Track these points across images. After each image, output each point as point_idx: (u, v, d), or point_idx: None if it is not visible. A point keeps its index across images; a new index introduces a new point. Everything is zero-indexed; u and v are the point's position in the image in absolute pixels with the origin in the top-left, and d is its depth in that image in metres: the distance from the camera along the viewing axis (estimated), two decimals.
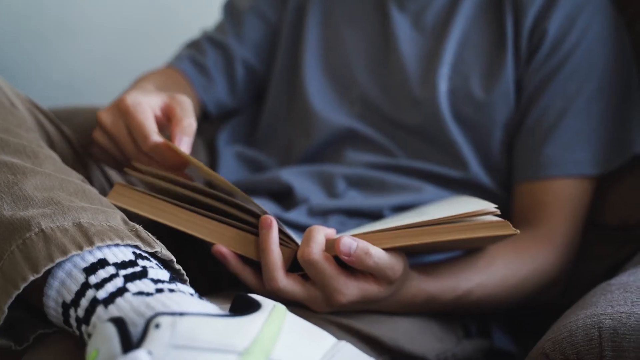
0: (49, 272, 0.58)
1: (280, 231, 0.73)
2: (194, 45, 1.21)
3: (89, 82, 2.19)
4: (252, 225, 0.73)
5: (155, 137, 0.77)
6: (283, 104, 1.18)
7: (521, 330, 1.03)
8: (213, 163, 1.18)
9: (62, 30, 2.21)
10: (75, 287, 0.57)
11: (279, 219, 0.95)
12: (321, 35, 1.14)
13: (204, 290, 0.89)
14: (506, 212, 1.03)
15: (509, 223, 0.70)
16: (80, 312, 0.56)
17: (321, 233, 0.71)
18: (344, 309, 0.75)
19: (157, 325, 0.49)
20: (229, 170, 1.15)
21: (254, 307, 0.55)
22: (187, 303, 0.54)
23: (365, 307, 0.77)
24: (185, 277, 0.65)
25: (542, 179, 0.99)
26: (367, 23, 1.12)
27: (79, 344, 0.57)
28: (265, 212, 0.74)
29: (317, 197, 1.01)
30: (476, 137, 1.03)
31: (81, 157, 0.89)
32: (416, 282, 0.79)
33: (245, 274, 0.75)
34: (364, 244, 0.69)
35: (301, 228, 0.96)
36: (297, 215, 0.98)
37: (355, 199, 1.01)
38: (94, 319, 0.55)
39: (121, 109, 0.81)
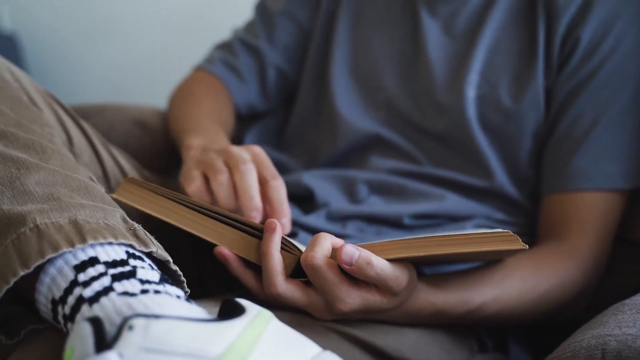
0: (41, 268, 0.58)
1: (285, 237, 0.72)
2: (226, 47, 1.21)
3: (134, 78, 2.22)
4: (257, 229, 0.72)
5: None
6: (312, 107, 1.17)
7: (543, 346, 1.00)
8: None
9: (108, 28, 2.25)
10: (64, 284, 0.57)
11: (296, 223, 0.95)
12: (350, 39, 1.13)
13: (217, 292, 0.89)
14: (533, 224, 1.01)
15: (517, 237, 0.67)
16: (67, 309, 0.56)
17: (328, 240, 0.70)
18: (345, 318, 0.74)
19: (131, 327, 0.48)
20: None
21: (239, 312, 0.54)
22: (169, 305, 0.53)
23: (369, 317, 0.75)
24: (182, 279, 0.65)
25: (570, 191, 0.96)
26: (397, 27, 1.10)
27: None
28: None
29: (337, 201, 1.00)
30: (503, 146, 1.00)
31: (99, 152, 0.90)
32: (424, 294, 0.77)
33: (247, 277, 0.74)
34: (366, 254, 0.67)
35: (319, 232, 0.95)
36: (315, 219, 0.96)
37: (376, 205, 0.99)
38: (78, 317, 0.55)
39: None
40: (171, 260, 0.64)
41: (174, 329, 0.49)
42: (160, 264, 0.64)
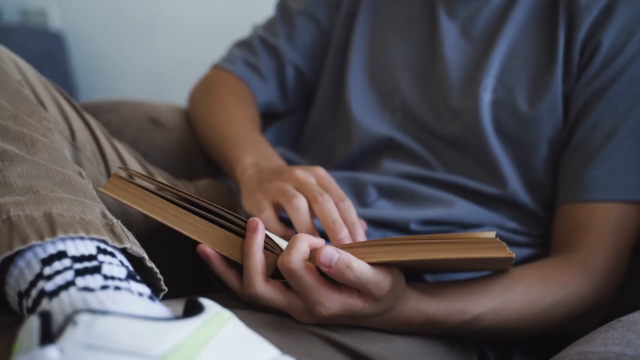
0: (11, 260, 0.58)
1: (269, 237, 0.70)
2: (246, 46, 1.21)
3: (175, 79, 2.25)
4: (242, 227, 0.71)
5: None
6: (329, 109, 1.16)
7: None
8: None
9: (151, 30, 2.28)
10: (30, 277, 0.57)
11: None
12: (368, 41, 1.11)
13: (219, 288, 0.88)
14: (548, 235, 0.97)
15: (504, 245, 0.65)
16: (30, 302, 0.56)
17: (305, 241, 0.68)
18: (329, 322, 0.72)
19: (75, 323, 0.48)
20: None
21: (197, 311, 0.53)
22: (124, 302, 0.52)
23: (354, 323, 0.73)
24: (159, 276, 0.64)
25: (585, 201, 0.92)
26: (415, 29, 1.08)
27: None
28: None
29: None
30: (518, 153, 0.97)
31: (102, 147, 0.90)
32: (413, 302, 0.75)
33: (228, 276, 0.73)
34: (346, 257, 0.65)
35: (323, 235, 0.93)
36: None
37: (384, 209, 0.97)
38: (39, 310, 0.54)
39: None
40: (146, 258, 0.63)
41: (119, 326, 0.48)
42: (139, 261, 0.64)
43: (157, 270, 0.64)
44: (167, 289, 0.65)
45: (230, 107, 1.10)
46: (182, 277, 0.91)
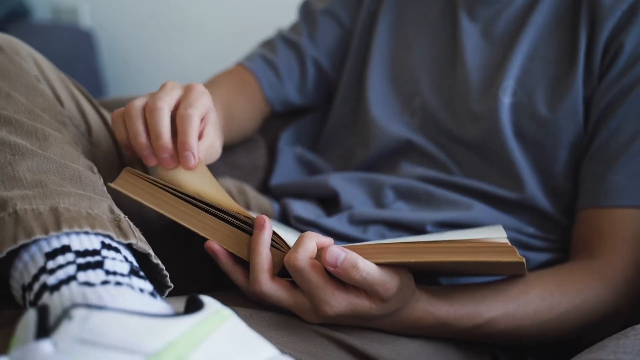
0: (17, 254, 0.58)
1: (277, 235, 0.70)
2: (267, 44, 1.20)
3: (194, 79, 2.25)
4: (250, 225, 0.71)
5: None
6: (348, 110, 1.15)
7: None
8: (272, 162, 1.17)
9: (180, 29, 2.30)
10: (33, 271, 0.57)
11: (315, 225, 0.93)
12: (390, 42, 1.10)
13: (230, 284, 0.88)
14: (568, 241, 0.95)
15: (514, 249, 0.63)
16: (32, 296, 0.56)
17: (312, 240, 0.67)
18: (336, 322, 0.71)
19: (70, 317, 0.47)
20: (286, 171, 1.14)
21: (196, 308, 0.53)
22: (122, 298, 0.52)
23: (361, 323, 0.72)
24: (164, 273, 0.64)
25: (604, 207, 0.90)
26: (436, 31, 1.06)
27: None
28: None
29: (362, 205, 0.98)
30: (537, 157, 0.95)
31: (118, 143, 0.90)
32: (423, 304, 0.74)
33: (236, 274, 0.72)
34: (352, 256, 0.64)
35: (339, 235, 0.92)
36: (336, 221, 0.94)
37: (400, 210, 0.96)
38: (40, 303, 0.54)
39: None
40: (152, 254, 0.63)
41: (113, 321, 0.48)
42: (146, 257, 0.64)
43: (163, 267, 0.64)
44: (172, 286, 0.65)
45: (214, 87, 1.09)
46: (195, 274, 0.91)
